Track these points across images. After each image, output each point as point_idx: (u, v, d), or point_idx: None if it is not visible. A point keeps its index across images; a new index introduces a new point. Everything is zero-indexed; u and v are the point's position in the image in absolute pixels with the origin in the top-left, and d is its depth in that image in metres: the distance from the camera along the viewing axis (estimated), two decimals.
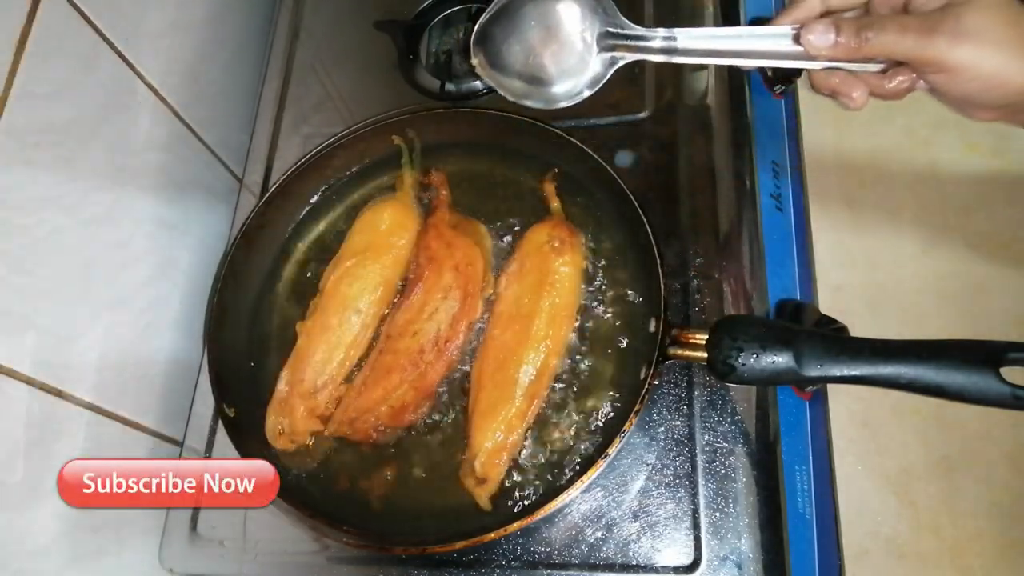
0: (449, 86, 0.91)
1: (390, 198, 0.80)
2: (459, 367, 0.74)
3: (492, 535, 0.61)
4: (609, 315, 0.72)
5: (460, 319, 0.73)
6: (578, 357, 0.71)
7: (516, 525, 0.61)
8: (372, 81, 0.96)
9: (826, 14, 0.55)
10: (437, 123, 0.82)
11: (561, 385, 0.70)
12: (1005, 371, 0.52)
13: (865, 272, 0.89)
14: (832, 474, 0.76)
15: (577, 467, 0.67)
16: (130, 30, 0.78)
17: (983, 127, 0.92)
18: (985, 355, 0.52)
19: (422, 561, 0.70)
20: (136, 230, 0.80)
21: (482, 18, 0.60)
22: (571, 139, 0.73)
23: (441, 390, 0.73)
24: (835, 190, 0.93)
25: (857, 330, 0.63)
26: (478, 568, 0.68)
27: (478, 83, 0.90)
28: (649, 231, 0.67)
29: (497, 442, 0.67)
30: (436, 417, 0.73)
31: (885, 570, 0.78)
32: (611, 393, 0.69)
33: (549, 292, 0.71)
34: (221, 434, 0.80)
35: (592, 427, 0.68)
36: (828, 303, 0.82)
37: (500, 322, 0.72)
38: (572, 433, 0.69)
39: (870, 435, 0.82)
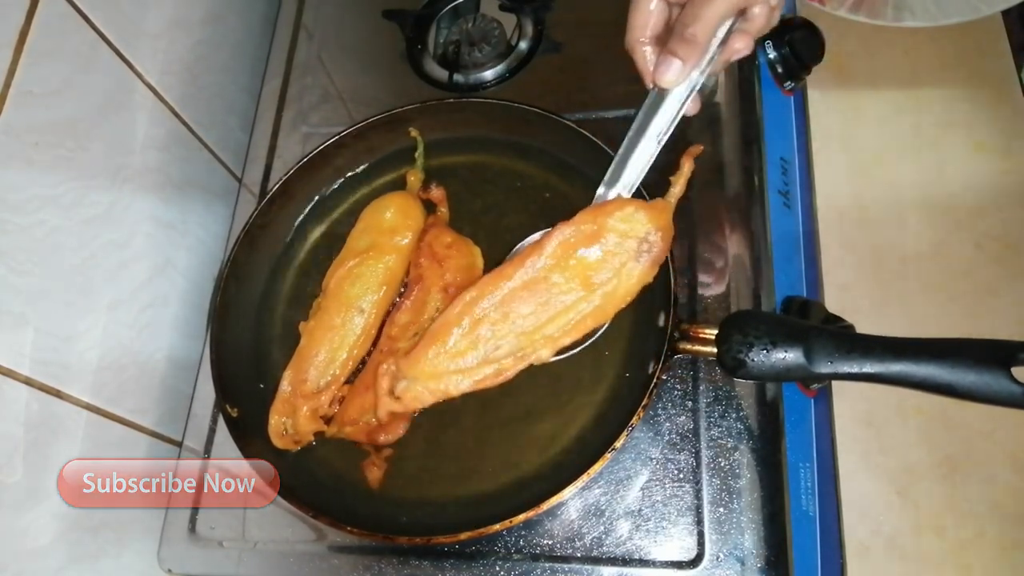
0: (457, 77, 0.91)
1: (394, 195, 0.79)
2: None
3: (498, 526, 0.61)
4: None
5: None
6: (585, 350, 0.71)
7: (521, 517, 0.61)
8: (378, 73, 0.96)
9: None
10: (447, 114, 0.81)
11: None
12: (1017, 371, 0.52)
13: (872, 271, 0.88)
14: (835, 472, 0.76)
15: (582, 460, 0.66)
16: (129, 29, 0.78)
17: (992, 127, 0.92)
18: (997, 355, 0.52)
19: (424, 552, 0.70)
20: (135, 230, 0.80)
21: None
22: (582, 131, 0.72)
23: None
24: (843, 188, 0.92)
25: (863, 329, 0.62)
26: (479, 560, 0.68)
27: (487, 73, 0.90)
28: None
29: (442, 370, 0.62)
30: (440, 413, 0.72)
31: (886, 569, 0.77)
32: (618, 387, 0.69)
33: (591, 295, 0.62)
34: (221, 434, 0.79)
35: (599, 420, 0.68)
36: (834, 301, 0.82)
37: (523, 287, 0.62)
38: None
39: (873, 434, 0.82)
